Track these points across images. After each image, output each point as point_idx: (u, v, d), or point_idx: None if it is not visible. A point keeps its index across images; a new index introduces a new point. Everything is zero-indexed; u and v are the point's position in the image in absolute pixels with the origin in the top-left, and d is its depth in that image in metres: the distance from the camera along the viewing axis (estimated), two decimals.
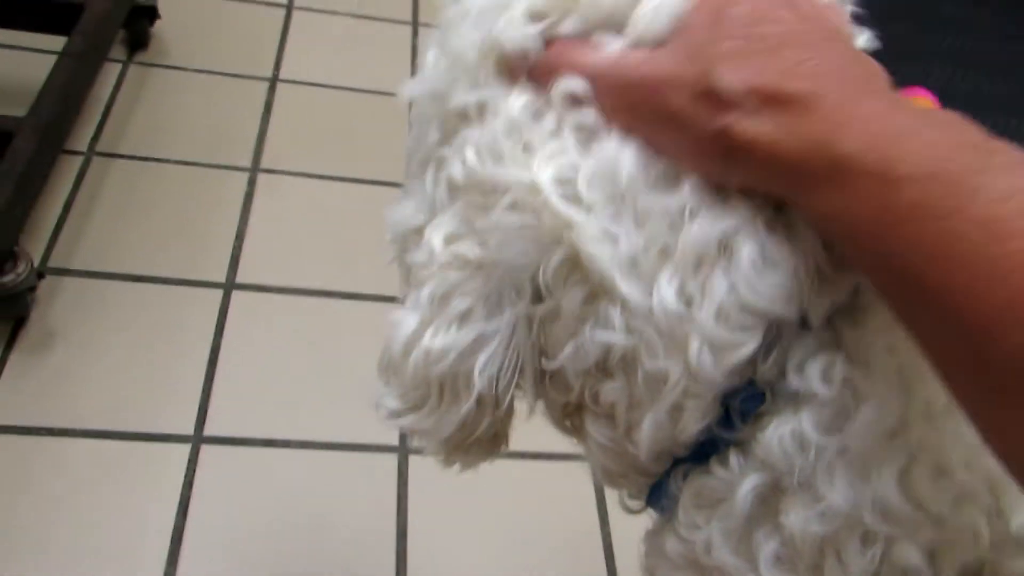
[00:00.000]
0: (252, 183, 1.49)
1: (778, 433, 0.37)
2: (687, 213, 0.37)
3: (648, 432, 0.40)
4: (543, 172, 0.38)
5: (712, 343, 0.37)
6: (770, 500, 0.38)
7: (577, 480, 1.15)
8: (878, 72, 0.38)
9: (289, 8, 1.84)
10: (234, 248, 1.39)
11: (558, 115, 0.40)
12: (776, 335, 0.38)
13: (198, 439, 1.16)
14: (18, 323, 1.21)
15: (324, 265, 1.39)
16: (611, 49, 0.39)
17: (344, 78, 1.72)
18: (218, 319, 1.29)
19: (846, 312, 0.38)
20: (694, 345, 0.37)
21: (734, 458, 0.39)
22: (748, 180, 0.36)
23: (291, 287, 1.36)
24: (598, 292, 0.39)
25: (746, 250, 0.36)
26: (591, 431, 0.44)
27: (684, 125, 0.37)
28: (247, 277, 1.35)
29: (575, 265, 0.39)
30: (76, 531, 1.05)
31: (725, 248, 0.37)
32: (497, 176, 0.40)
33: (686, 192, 0.37)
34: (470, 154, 0.41)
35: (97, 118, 1.51)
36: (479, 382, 0.42)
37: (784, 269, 0.36)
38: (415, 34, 1.86)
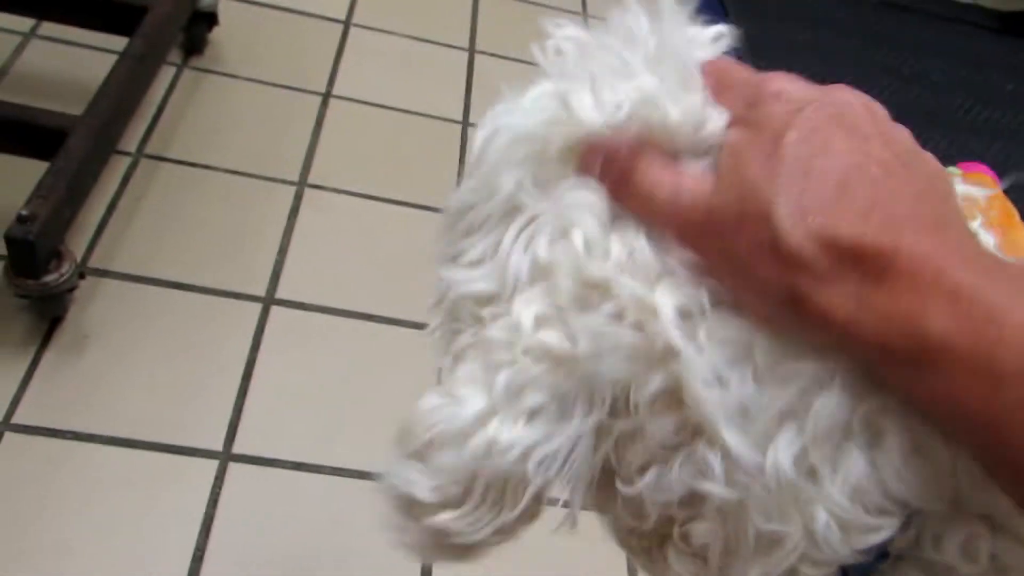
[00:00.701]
0: (299, 197, 1.47)
1: None
2: (825, 381, 0.32)
3: None
4: (666, 298, 0.34)
5: (843, 521, 0.32)
6: None
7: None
8: (951, 201, 0.33)
9: (347, 24, 1.83)
10: (276, 262, 1.36)
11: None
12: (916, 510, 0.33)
13: (226, 456, 1.13)
14: (54, 322, 1.19)
15: (366, 287, 1.37)
16: (669, 176, 0.35)
17: (398, 99, 1.70)
18: (255, 333, 1.27)
19: None
20: (820, 518, 0.33)
21: None
22: (826, 344, 0.32)
23: (331, 307, 1.33)
24: (695, 429, 0.35)
25: (895, 434, 0.32)
26: (675, 566, 0.39)
27: (749, 275, 0.33)
28: (287, 293, 1.33)
29: (674, 395, 0.35)
30: (95, 541, 1.02)
31: (869, 426, 0.32)
32: (606, 280, 0.35)
33: (829, 362, 0.33)
34: (577, 240, 0.36)
35: (148, 120, 1.50)
36: (531, 488, 0.36)
37: (939, 462, 0.32)
38: (471, 60, 1.85)
